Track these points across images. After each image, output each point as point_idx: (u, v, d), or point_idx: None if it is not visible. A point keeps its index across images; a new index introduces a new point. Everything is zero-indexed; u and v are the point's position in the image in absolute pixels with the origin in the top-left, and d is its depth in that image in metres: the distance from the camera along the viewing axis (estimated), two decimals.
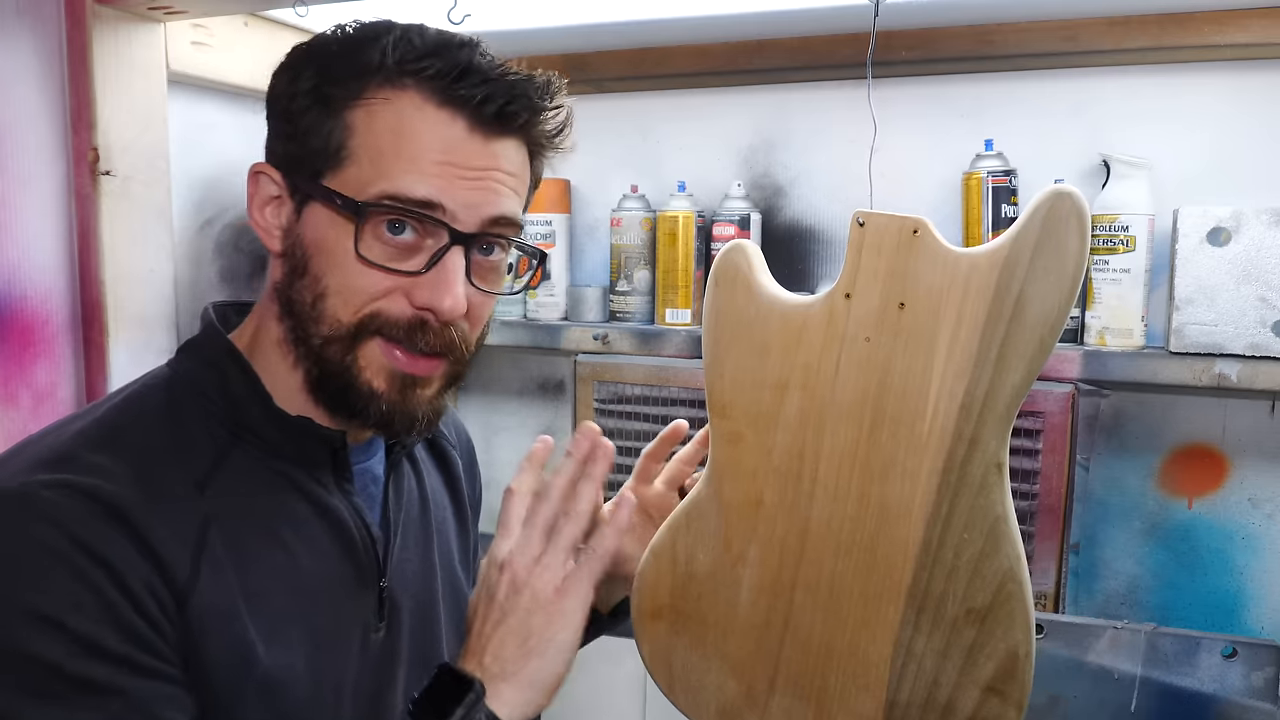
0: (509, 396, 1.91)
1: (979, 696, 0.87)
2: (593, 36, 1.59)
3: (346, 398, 0.79)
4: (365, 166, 0.76)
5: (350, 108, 0.76)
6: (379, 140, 0.75)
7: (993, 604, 0.85)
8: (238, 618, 0.75)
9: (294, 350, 0.80)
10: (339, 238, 0.76)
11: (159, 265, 1.41)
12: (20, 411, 1.29)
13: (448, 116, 0.76)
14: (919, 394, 0.86)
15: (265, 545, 0.78)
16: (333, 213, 0.77)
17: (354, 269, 0.76)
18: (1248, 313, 1.31)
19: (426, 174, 0.75)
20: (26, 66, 1.28)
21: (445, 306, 0.77)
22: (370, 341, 0.78)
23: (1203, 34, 1.35)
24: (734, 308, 0.93)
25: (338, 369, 0.78)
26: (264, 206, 0.81)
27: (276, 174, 0.80)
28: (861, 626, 0.89)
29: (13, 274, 1.28)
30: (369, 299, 0.77)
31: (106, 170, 1.33)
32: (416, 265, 0.77)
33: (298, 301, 0.79)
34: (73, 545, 0.68)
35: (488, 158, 0.78)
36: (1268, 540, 1.44)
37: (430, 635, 0.93)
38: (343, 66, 0.77)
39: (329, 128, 0.77)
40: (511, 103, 0.77)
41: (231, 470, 0.78)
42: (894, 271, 0.87)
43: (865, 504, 0.88)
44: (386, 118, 0.76)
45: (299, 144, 0.78)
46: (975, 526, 0.85)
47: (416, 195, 0.75)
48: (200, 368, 0.82)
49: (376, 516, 0.88)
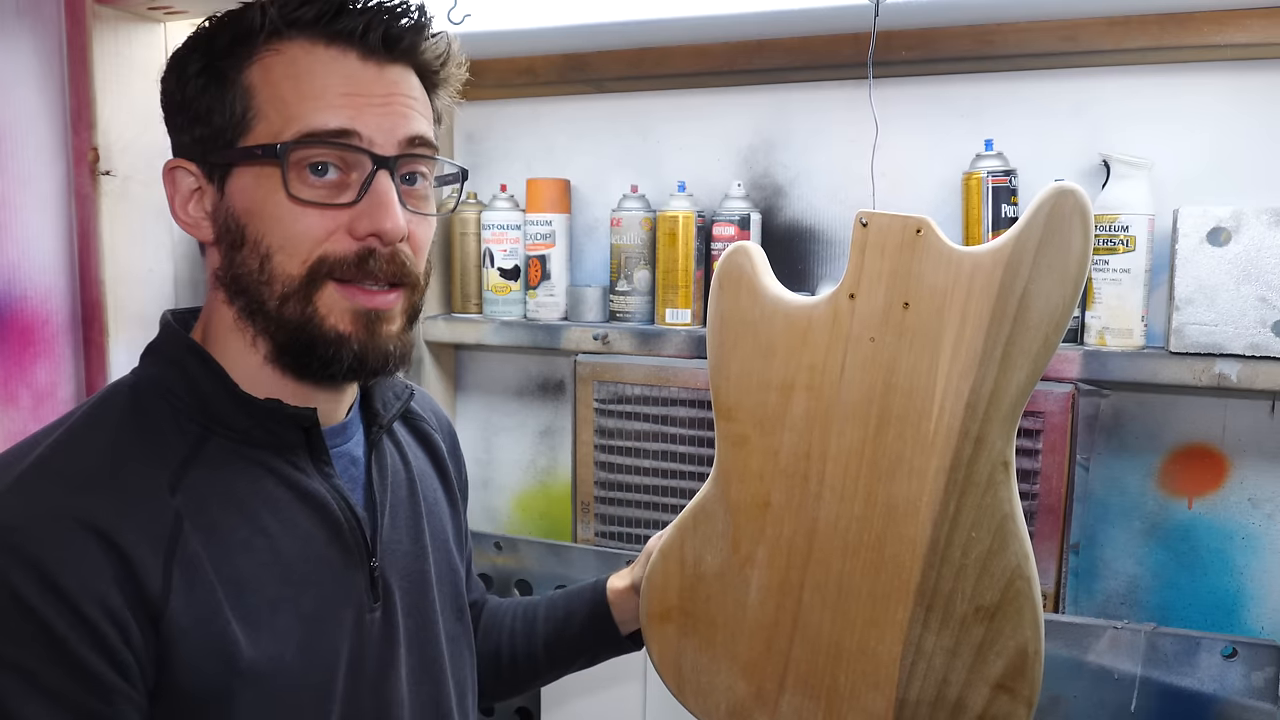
0: (509, 397, 1.90)
1: (989, 694, 0.87)
2: (593, 36, 1.59)
3: (315, 350, 0.79)
4: (273, 118, 0.77)
5: (243, 71, 0.78)
6: (279, 90, 0.77)
7: (1001, 601, 0.85)
8: (218, 614, 0.74)
9: (251, 325, 0.80)
10: (268, 191, 0.77)
11: (159, 265, 1.41)
12: (20, 411, 1.28)
13: (338, 52, 0.78)
14: (925, 393, 0.86)
15: (245, 533, 0.78)
16: (256, 169, 0.78)
17: (291, 215, 0.77)
18: (1248, 313, 1.31)
19: (334, 106, 0.77)
20: (26, 66, 1.28)
21: (388, 227, 0.78)
22: (325, 287, 0.78)
23: (1203, 34, 1.35)
24: (738, 309, 0.93)
25: (299, 323, 0.78)
26: (186, 204, 0.82)
27: (190, 165, 0.81)
28: (871, 625, 0.89)
29: (13, 274, 1.27)
30: (313, 243, 0.78)
31: (106, 170, 1.33)
32: (349, 198, 0.78)
33: (244, 273, 0.79)
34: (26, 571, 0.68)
35: (387, 84, 0.80)
36: (1268, 540, 1.45)
37: (426, 616, 0.93)
38: (225, 39, 0.79)
39: (229, 97, 0.78)
40: (391, 27, 0.80)
41: (206, 464, 0.78)
42: (898, 271, 0.87)
43: (872, 504, 0.88)
44: (280, 67, 0.78)
45: (204, 125, 0.79)
46: (983, 525, 0.85)
47: (330, 127, 0.76)
48: (163, 367, 0.82)
49: (360, 498, 0.88)
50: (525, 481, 1.92)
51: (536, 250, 1.72)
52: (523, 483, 1.92)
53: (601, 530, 1.70)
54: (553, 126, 1.81)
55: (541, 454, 1.89)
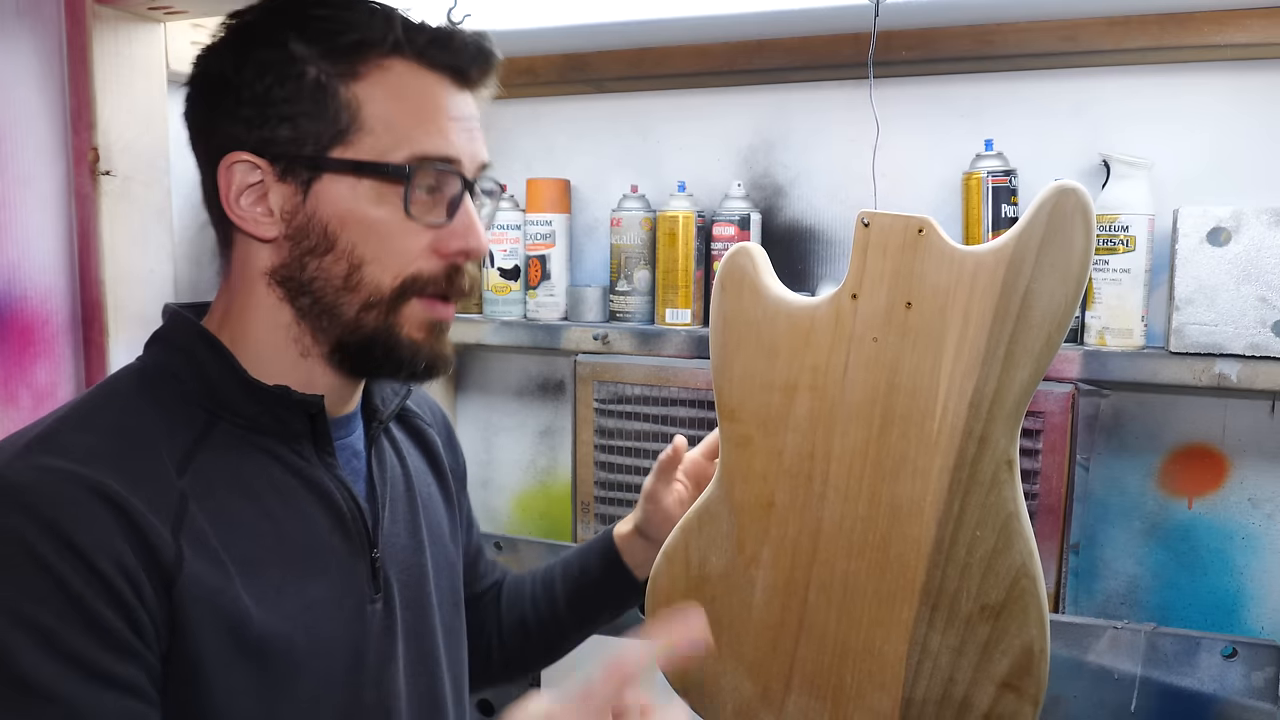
0: (509, 397, 1.90)
1: (995, 692, 0.87)
2: (593, 36, 1.59)
3: (391, 355, 0.83)
4: (381, 135, 0.79)
5: (349, 83, 0.79)
6: (388, 109, 0.79)
7: (1006, 600, 0.85)
8: (228, 587, 0.75)
9: (311, 324, 0.82)
10: (370, 206, 0.80)
11: (159, 265, 1.41)
12: (20, 411, 1.28)
13: (438, 78, 0.82)
14: (928, 393, 0.86)
15: (251, 516, 0.79)
16: (357, 182, 0.79)
17: (395, 231, 0.80)
18: (1248, 313, 1.31)
19: (442, 133, 0.81)
20: (26, 66, 1.28)
21: (478, 246, 0.83)
22: (410, 302, 0.82)
23: (1203, 34, 1.35)
24: (741, 310, 0.93)
25: (377, 331, 0.82)
26: (240, 196, 0.81)
27: (259, 160, 0.80)
28: (876, 625, 0.89)
29: (13, 274, 1.27)
30: (408, 259, 0.81)
31: (106, 170, 1.33)
32: (439, 217, 0.82)
33: (321, 277, 0.81)
34: (43, 530, 0.68)
35: (470, 109, 0.85)
36: (1268, 540, 1.45)
37: (423, 610, 0.94)
38: (332, 45, 0.79)
39: (330, 106, 0.79)
40: (482, 62, 0.84)
41: (212, 448, 0.79)
42: (900, 271, 0.87)
43: (877, 504, 0.88)
44: (390, 87, 0.80)
45: (293, 125, 0.79)
46: (987, 524, 0.85)
47: (441, 153, 0.81)
48: (170, 353, 0.83)
49: (362, 490, 0.89)
50: (525, 481, 1.91)
51: (536, 250, 1.72)
52: (523, 483, 1.92)
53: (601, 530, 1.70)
54: (553, 126, 1.81)
55: (541, 454, 1.89)
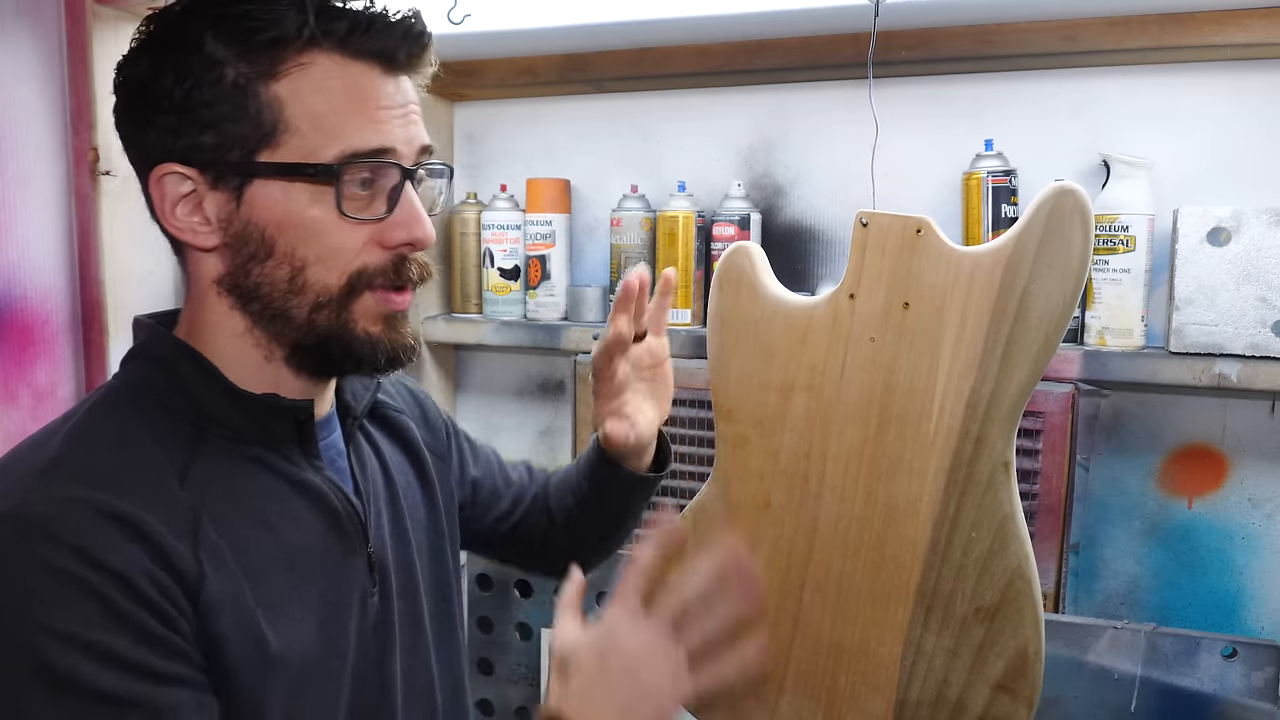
0: (509, 397, 1.90)
1: (989, 694, 0.87)
2: (593, 36, 1.59)
3: (350, 353, 0.82)
4: (308, 134, 0.77)
5: (269, 82, 0.77)
6: (312, 105, 0.77)
7: (1001, 602, 0.85)
8: (245, 602, 0.75)
9: (265, 329, 0.81)
10: (304, 207, 0.78)
11: (159, 265, 1.41)
12: (20, 411, 1.28)
13: (364, 67, 0.79)
14: (925, 393, 0.86)
15: (253, 528, 0.79)
16: (289, 185, 0.77)
17: (333, 230, 0.78)
18: (1248, 313, 1.31)
19: (373, 123, 0.78)
20: (26, 66, 1.28)
21: (422, 235, 0.81)
22: (362, 296, 0.81)
23: (1203, 34, 1.35)
24: (738, 310, 0.93)
25: (331, 330, 0.80)
26: (175, 207, 0.80)
27: (189, 169, 0.78)
28: (871, 626, 0.89)
29: (13, 274, 1.27)
30: (351, 256, 0.79)
31: (106, 170, 1.33)
32: (379, 210, 0.80)
33: (266, 283, 0.79)
34: (75, 557, 0.68)
35: (402, 95, 0.81)
36: (1268, 540, 1.45)
37: (414, 597, 0.95)
38: (249, 43, 0.77)
39: (251, 108, 0.76)
40: (412, 44, 0.81)
41: (204, 462, 0.79)
42: (898, 271, 0.87)
43: (873, 504, 0.88)
44: (312, 82, 0.77)
45: (216, 131, 0.77)
46: (983, 525, 0.85)
47: (373, 145, 0.78)
48: (152, 370, 0.82)
49: (349, 487, 0.89)
50: None
51: (536, 250, 1.72)
52: None
53: None
54: (553, 126, 1.81)
55: (541, 454, 1.89)
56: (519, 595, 1.75)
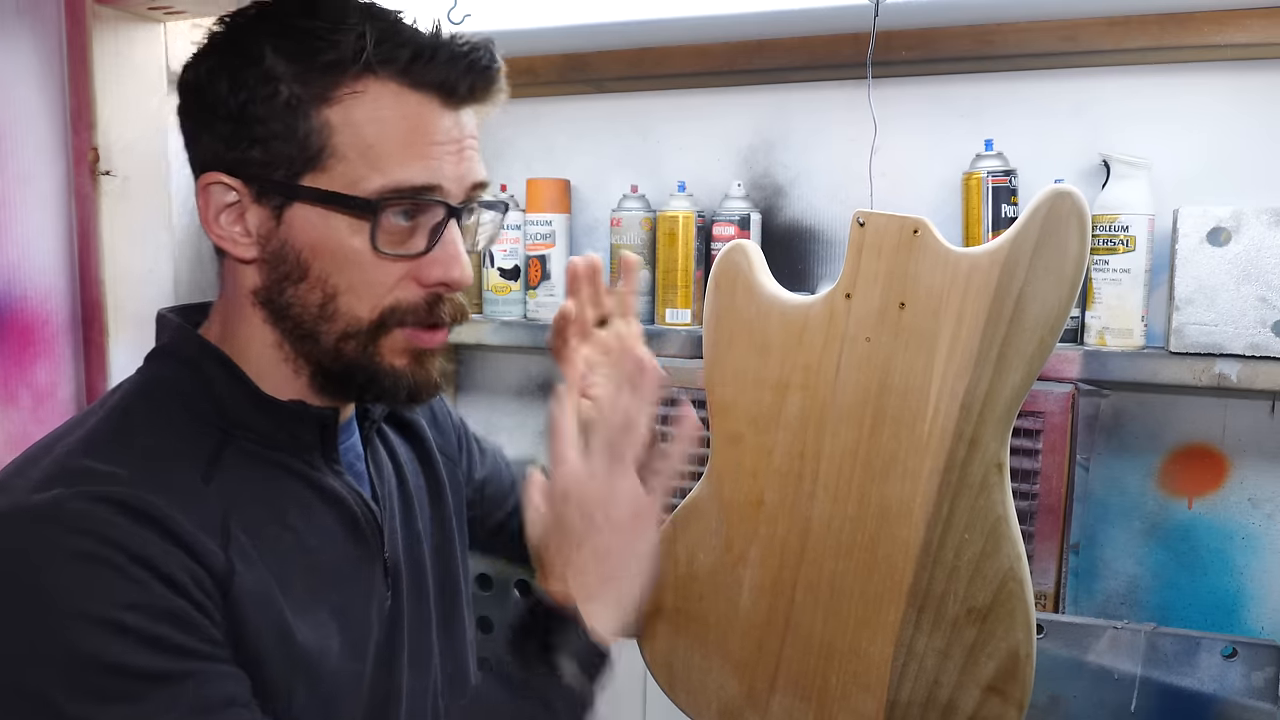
0: (509, 397, 1.91)
1: (980, 696, 0.87)
2: (593, 36, 1.59)
3: (373, 383, 0.81)
4: (355, 163, 0.75)
5: (323, 106, 0.75)
6: (363, 134, 0.75)
7: (993, 604, 0.85)
8: (273, 600, 0.75)
9: (295, 349, 0.80)
10: (342, 236, 0.76)
11: (159, 265, 1.41)
12: (20, 411, 1.29)
13: (422, 98, 0.76)
14: (919, 394, 0.86)
15: (277, 529, 0.79)
16: (328, 212, 0.76)
17: (367, 264, 0.77)
18: (1248, 313, 1.30)
19: (422, 159, 0.76)
20: (26, 66, 1.28)
21: (457, 277, 0.79)
22: (393, 332, 0.79)
23: (1203, 34, 1.34)
24: (734, 308, 0.93)
25: (357, 360, 0.79)
26: (220, 215, 0.79)
27: (235, 181, 0.77)
28: (863, 626, 0.89)
29: (13, 274, 1.28)
30: (385, 291, 0.78)
31: (106, 170, 1.34)
32: (418, 246, 0.78)
33: (298, 304, 0.78)
34: (110, 548, 0.68)
35: (459, 129, 0.79)
36: (1268, 540, 1.44)
37: (422, 600, 0.95)
38: (301, 65, 0.75)
39: (302, 129, 0.75)
40: (477, 78, 0.79)
41: (228, 465, 0.78)
42: (894, 272, 0.87)
43: (866, 504, 0.88)
44: (364, 110, 0.75)
45: (262, 147, 0.76)
46: (976, 527, 0.85)
47: (419, 182, 0.76)
48: (178, 369, 0.81)
49: (368, 492, 0.89)
50: None
51: (536, 250, 1.72)
52: None
53: None
54: (553, 126, 1.81)
55: (542, 454, 1.89)
56: (519, 595, 1.75)
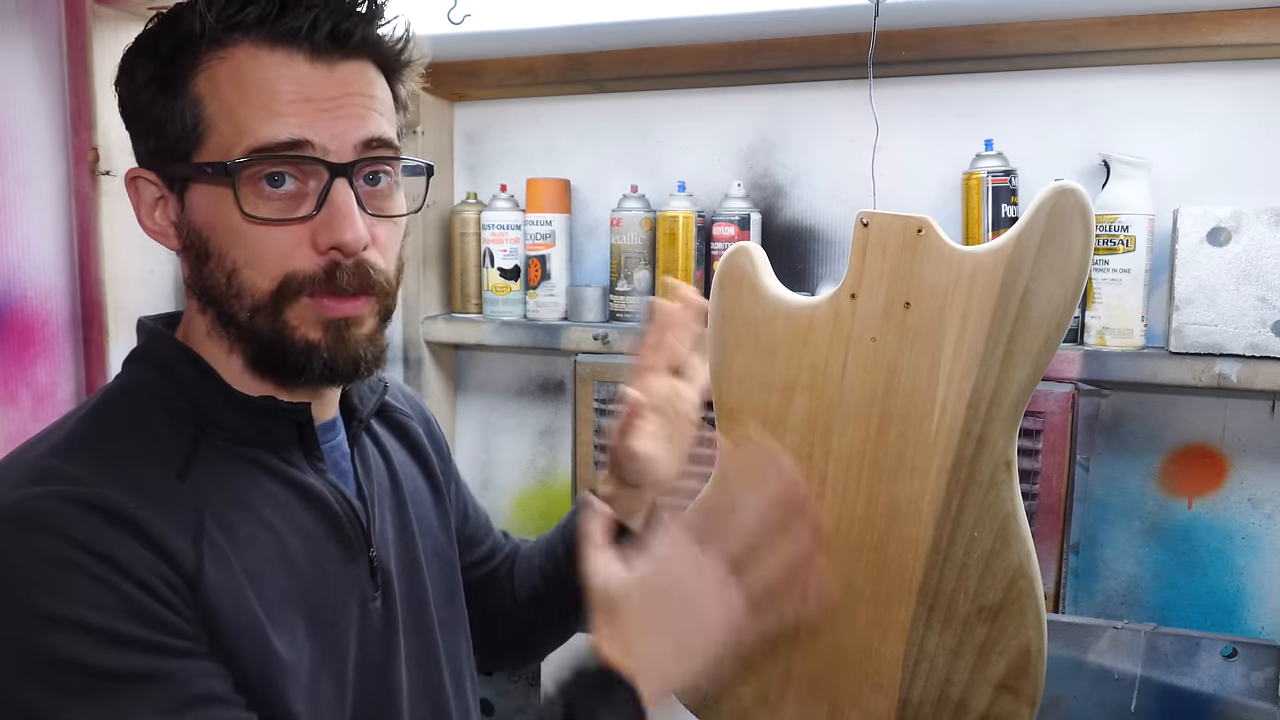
0: (509, 397, 1.90)
1: (992, 694, 0.87)
2: (593, 36, 1.59)
3: (287, 360, 0.79)
4: (225, 130, 0.75)
5: (190, 81, 0.75)
6: (227, 100, 0.74)
7: (1004, 601, 0.85)
8: (245, 599, 0.75)
9: (225, 334, 0.80)
10: (227, 209, 0.75)
11: (159, 265, 1.41)
12: (20, 411, 1.28)
13: (284, 55, 0.75)
14: (926, 393, 0.86)
15: (252, 529, 0.78)
16: (211, 186, 0.76)
17: (252, 233, 0.76)
18: (1248, 313, 1.31)
19: (283, 115, 0.74)
20: (26, 66, 1.28)
21: (348, 239, 0.76)
22: (296, 302, 0.77)
23: (1203, 34, 1.35)
24: (739, 310, 0.93)
25: (270, 335, 0.78)
26: (151, 211, 0.80)
27: (150, 174, 0.79)
28: (873, 626, 0.89)
29: (13, 274, 1.27)
30: (280, 259, 0.76)
31: (106, 170, 1.33)
32: (307, 210, 0.76)
33: (212, 286, 0.78)
34: (76, 549, 0.68)
35: (338, 85, 0.76)
36: (1268, 540, 1.45)
37: (420, 601, 0.94)
38: (168, 45, 0.76)
39: (179, 108, 0.75)
40: (340, 22, 0.76)
41: (205, 463, 0.78)
42: (899, 271, 0.87)
43: (874, 504, 0.88)
44: (227, 76, 0.75)
45: (158, 136, 0.77)
46: (985, 524, 0.85)
47: (280, 139, 0.74)
48: (152, 371, 0.82)
49: (352, 490, 0.89)
50: (525, 481, 1.91)
51: (536, 250, 1.72)
52: (523, 483, 1.92)
53: None
54: (553, 126, 1.81)
55: (541, 454, 1.89)
56: None
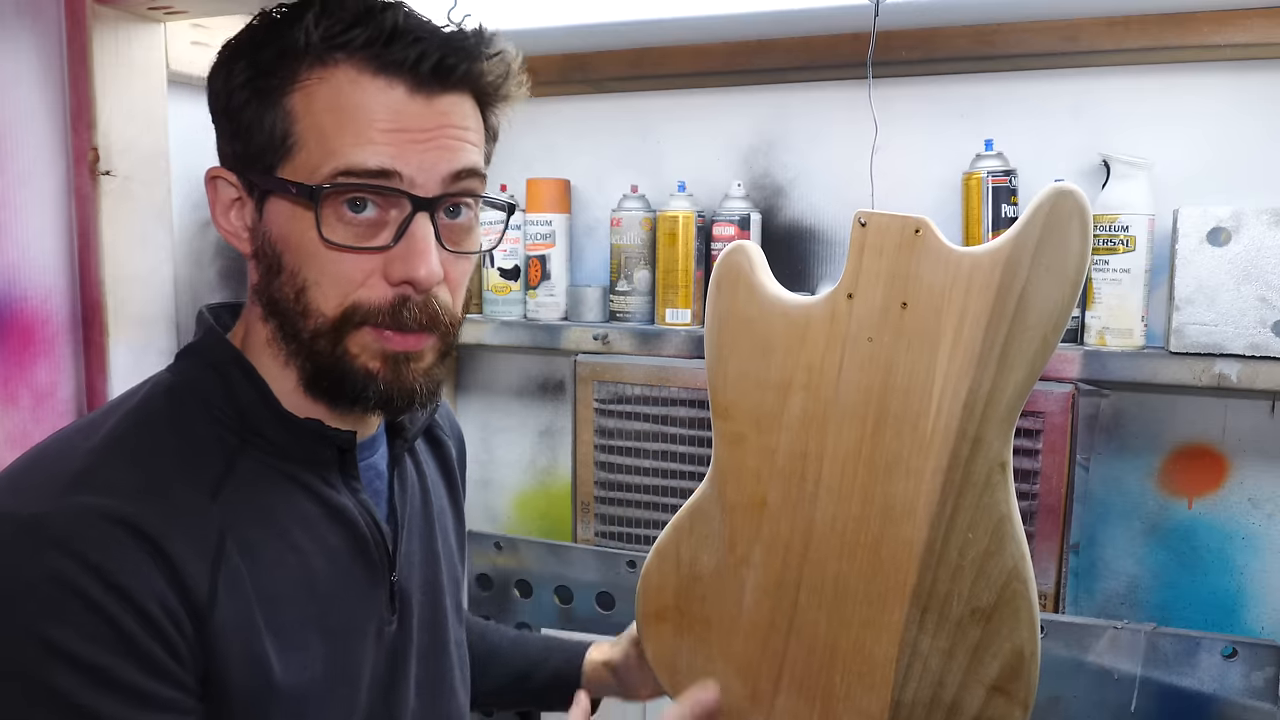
0: (509, 397, 1.91)
1: (984, 696, 0.87)
2: (593, 36, 1.59)
3: (343, 386, 0.78)
4: (313, 150, 0.74)
5: (287, 94, 0.74)
6: (320, 120, 0.74)
7: (998, 603, 0.85)
8: (255, 631, 0.74)
9: (284, 348, 0.79)
10: (304, 228, 0.75)
11: (159, 265, 1.41)
12: (20, 411, 1.28)
13: (385, 83, 0.74)
14: (922, 393, 0.86)
15: (278, 549, 0.78)
16: (292, 203, 0.75)
17: (326, 257, 0.75)
18: (1248, 313, 1.31)
19: (375, 143, 0.73)
20: (26, 66, 1.28)
21: (421, 276, 0.75)
22: (359, 331, 0.77)
23: (1203, 34, 1.35)
24: (736, 308, 0.93)
25: (330, 360, 0.77)
26: (227, 211, 0.80)
27: (231, 175, 0.78)
28: (866, 626, 0.89)
29: (13, 274, 1.27)
30: (349, 286, 0.75)
31: (106, 170, 1.33)
32: (385, 240, 0.75)
33: (280, 299, 0.78)
34: (88, 574, 0.67)
35: (435, 117, 0.76)
36: (1268, 540, 1.44)
37: (438, 623, 0.93)
38: (270, 54, 0.75)
39: (270, 119, 0.75)
40: (447, 57, 0.75)
41: (241, 476, 0.77)
42: (896, 271, 0.87)
43: (869, 504, 0.88)
44: (324, 97, 0.74)
45: (245, 141, 0.76)
46: (979, 526, 0.85)
47: (369, 166, 0.73)
48: (203, 373, 0.81)
49: (384, 511, 0.88)
50: (525, 481, 1.92)
51: (536, 250, 1.72)
52: (523, 483, 1.92)
53: (601, 530, 1.70)
54: (553, 126, 1.81)
55: (541, 454, 1.89)
56: (519, 595, 1.75)
